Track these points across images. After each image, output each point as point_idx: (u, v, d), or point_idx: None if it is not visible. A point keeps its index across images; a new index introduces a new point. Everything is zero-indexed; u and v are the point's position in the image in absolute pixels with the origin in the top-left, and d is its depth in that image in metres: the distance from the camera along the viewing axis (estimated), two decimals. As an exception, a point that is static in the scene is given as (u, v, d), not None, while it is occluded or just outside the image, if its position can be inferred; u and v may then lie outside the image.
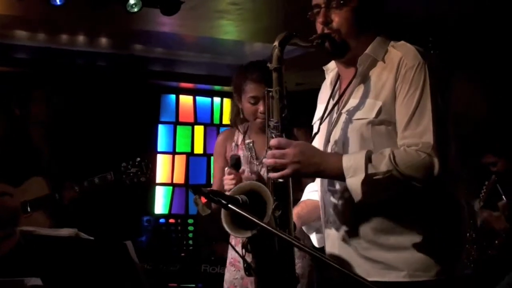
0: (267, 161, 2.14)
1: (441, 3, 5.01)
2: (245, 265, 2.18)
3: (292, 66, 6.40)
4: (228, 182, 3.06)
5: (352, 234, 2.21)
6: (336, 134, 2.26)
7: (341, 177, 2.09)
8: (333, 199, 2.26)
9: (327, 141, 2.30)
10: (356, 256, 2.20)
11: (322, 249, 2.43)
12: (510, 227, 4.50)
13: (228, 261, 3.44)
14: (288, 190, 2.20)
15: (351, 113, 2.22)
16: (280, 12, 5.09)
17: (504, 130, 4.85)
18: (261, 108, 3.14)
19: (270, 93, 2.18)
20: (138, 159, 4.65)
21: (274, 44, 2.16)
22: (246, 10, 5.31)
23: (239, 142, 3.35)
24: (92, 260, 2.44)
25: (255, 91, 3.15)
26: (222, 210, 2.11)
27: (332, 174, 2.12)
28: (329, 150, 2.28)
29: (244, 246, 2.16)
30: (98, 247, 2.47)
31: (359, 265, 2.18)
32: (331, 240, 2.30)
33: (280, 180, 2.16)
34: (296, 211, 2.46)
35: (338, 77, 2.41)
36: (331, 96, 2.38)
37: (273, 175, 2.13)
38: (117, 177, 4.57)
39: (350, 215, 2.21)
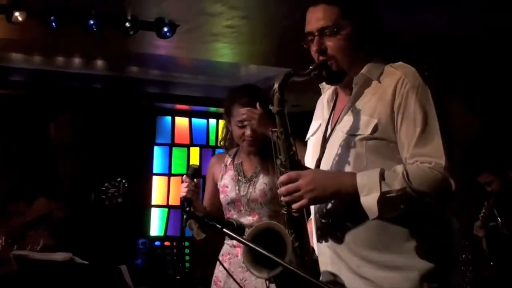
0: (284, 198, 2.14)
1: (436, 25, 5.04)
2: None
3: (288, 88, 6.43)
4: (182, 190, 3.08)
5: (344, 250, 2.19)
6: (329, 150, 2.26)
7: (356, 195, 2.08)
8: (325, 215, 2.25)
9: (321, 156, 2.30)
10: (348, 273, 2.18)
11: None
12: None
13: (212, 280, 3.44)
14: (303, 220, 2.21)
15: (345, 129, 2.22)
16: (275, 35, 5.13)
17: (497, 150, 4.86)
18: (247, 132, 3.17)
19: (276, 133, 2.20)
20: (119, 179, 4.57)
21: (274, 88, 2.18)
22: (241, 33, 5.34)
23: (228, 163, 3.39)
24: (87, 285, 2.43)
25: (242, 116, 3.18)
26: (243, 249, 2.12)
27: (348, 193, 2.10)
28: (322, 165, 2.28)
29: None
30: (92, 271, 2.47)
31: (351, 282, 2.17)
32: (323, 257, 2.28)
33: (295, 214, 2.17)
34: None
35: (335, 95, 2.41)
36: (330, 113, 2.38)
37: (294, 206, 2.13)
38: (97, 197, 4.51)
39: (342, 231, 2.20)
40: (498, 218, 4.56)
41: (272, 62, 5.95)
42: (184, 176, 3.13)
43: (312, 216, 2.37)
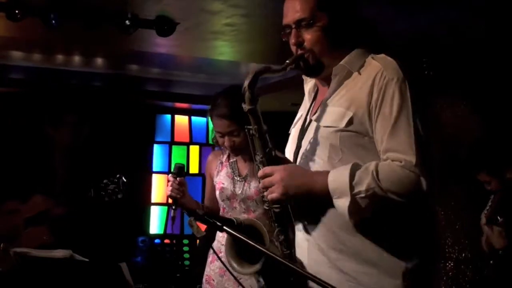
0: (264, 193, 2.17)
1: (436, 25, 5.04)
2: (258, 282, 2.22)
3: (287, 86, 6.43)
4: (168, 188, 3.16)
5: (323, 243, 2.17)
6: (306, 141, 2.26)
7: (329, 196, 2.07)
8: (303, 207, 2.22)
9: (298, 147, 2.29)
10: (326, 266, 2.16)
11: None
12: (509, 245, 4.46)
13: (204, 279, 3.45)
14: (288, 214, 2.21)
15: (321, 121, 2.21)
16: (275, 33, 5.11)
17: (497, 150, 4.85)
18: (226, 142, 3.19)
19: (250, 131, 2.19)
20: (118, 175, 4.57)
21: (244, 86, 2.15)
22: (241, 31, 5.33)
23: (224, 160, 3.41)
24: (87, 282, 2.43)
25: (219, 128, 3.22)
26: (226, 246, 2.14)
27: (321, 193, 2.09)
28: (299, 156, 2.28)
29: None
30: (92, 268, 2.47)
31: (329, 276, 2.10)
32: (301, 248, 2.26)
33: (276, 209, 2.18)
34: None
35: (316, 86, 2.40)
36: (311, 104, 2.38)
37: (269, 197, 2.14)
38: (96, 194, 4.50)
39: (322, 222, 2.18)
40: (499, 217, 4.54)
41: (272, 60, 5.95)
42: (169, 175, 3.19)
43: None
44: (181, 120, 8.14)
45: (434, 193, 2.10)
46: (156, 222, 7.81)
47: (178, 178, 3.18)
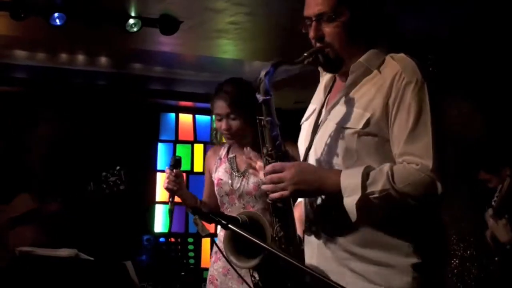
0: (266, 186, 2.12)
1: (442, 22, 5.03)
2: (253, 279, 2.20)
3: (290, 84, 6.42)
4: (165, 180, 3.19)
5: (332, 244, 2.15)
6: (319, 139, 2.22)
7: (340, 195, 2.04)
8: (315, 206, 2.21)
9: (310, 145, 2.25)
10: (339, 266, 2.14)
11: None
12: None
13: (207, 279, 3.44)
14: (290, 210, 2.18)
15: (336, 120, 2.16)
16: (279, 31, 5.12)
17: (500, 148, 4.84)
18: (223, 125, 3.21)
19: (262, 122, 2.15)
20: (118, 167, 4.57)
21: (260, 76, 2.11)
22: (245, 29, 5.33)
23: (223, 156, 3.42)
24: (92, 281, 2.44)
25: (218, 109, 3.26)
26: (224, 241, 2.12)
27: (332, 191, 2.06)
28: (310, 155, 2.24)
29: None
30: (97, 267, 2.48)
31: (340, 275, 2.10)
32: (310, 248, 2.24)
33: (279, 204, 2.14)
34: (296, 215, 2.35)
35: (333, 80, 2.36)
36: (325, 99, 2.33)
37: (273, 195, 2.10)
38: (96, 187, 4.50)
39: (331, 225, 2.16)
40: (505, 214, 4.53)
41: (276, 58, 5.95)
42: (166, 167, 3.23)
43: (302, 206, 2.32)
44: (185, 118, 8.13)
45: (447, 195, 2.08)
46: (160, 221, 7.81)
47: (174, 170, 3.20)
